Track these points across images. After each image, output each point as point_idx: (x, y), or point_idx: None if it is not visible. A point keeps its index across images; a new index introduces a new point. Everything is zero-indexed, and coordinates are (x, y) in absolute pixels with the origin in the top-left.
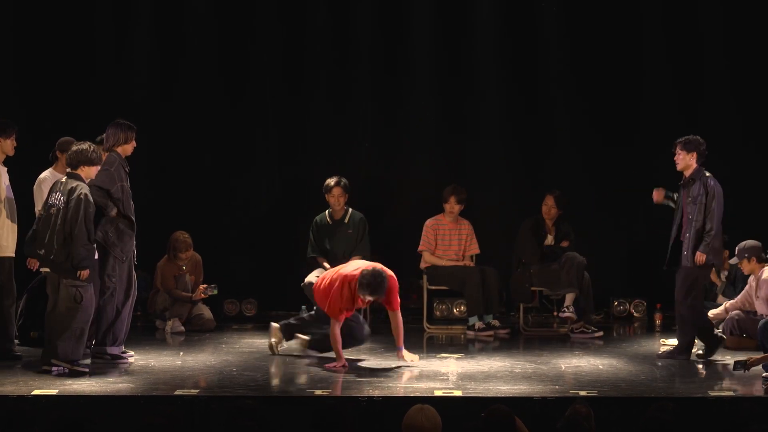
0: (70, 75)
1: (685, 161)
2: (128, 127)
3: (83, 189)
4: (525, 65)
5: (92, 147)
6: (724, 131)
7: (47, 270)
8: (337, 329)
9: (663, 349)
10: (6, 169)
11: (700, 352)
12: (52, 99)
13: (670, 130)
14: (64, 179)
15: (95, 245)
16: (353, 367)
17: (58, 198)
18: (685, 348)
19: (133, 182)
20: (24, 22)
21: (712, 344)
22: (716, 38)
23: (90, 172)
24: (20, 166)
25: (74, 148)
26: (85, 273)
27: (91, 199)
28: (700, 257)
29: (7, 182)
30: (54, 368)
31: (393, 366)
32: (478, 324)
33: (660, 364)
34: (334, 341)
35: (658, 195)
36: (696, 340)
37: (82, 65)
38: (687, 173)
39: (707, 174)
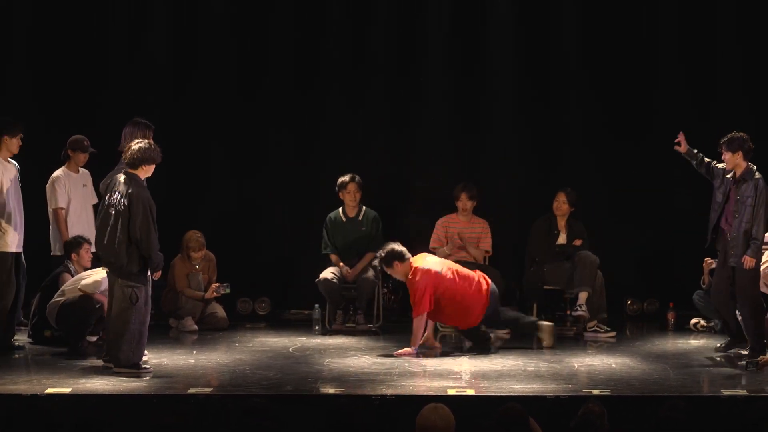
0: (84, 74)
1: (733, 161)
2: (146, 126)
3: (143, 192)
4: (538, 64)
5: (152, 145)
6: (737, 128)
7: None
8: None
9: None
10: (15, 165)
11: (720, 345)
12: (66, 98)
13: (683, 128)
14: (122, 179)
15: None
16: (366, 365)
17: (117, 199)
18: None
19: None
20: (39, 21)
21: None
22: (730, 35)
23: (150, 170)
24: (35, 164)
25: (134, 146)
26: (158, 273)
27: (151, 201)
28: (750, 262)
29: (12, 177)
30: (121, 370)
31: (406, 365)
32: None
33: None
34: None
35: (683, 147)
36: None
37: (95, 64)
38: (738, 172)
39: (758, 175)
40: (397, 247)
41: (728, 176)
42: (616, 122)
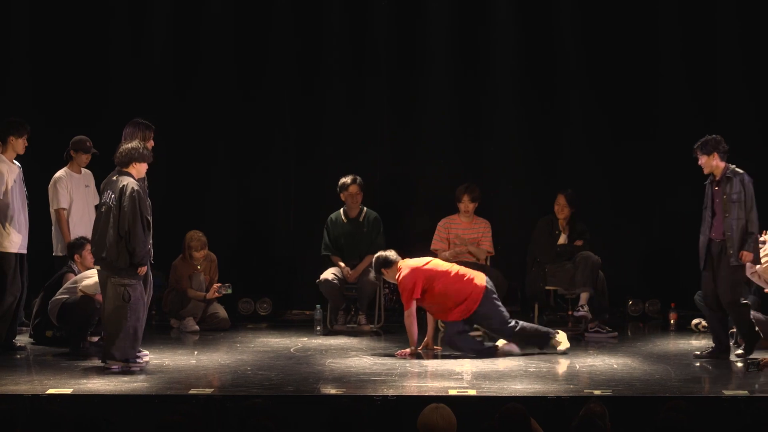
0: (86, 74)
1: (709, 164)
2: (146, 126)
3: (133, 185)
4: (540, 64)
5: (142, 144)
6: (741, 127)
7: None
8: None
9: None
10: (18, 165)
11: (740, 351)
12: (68, 98)
13: (685, 127)
14: (114, 177)
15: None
16: (367, 365)
17: (110, 196)
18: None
19: (149, 181)
20: (40, 20)
21: (753, 341)
22: (731, 33)
23: (141, 168)
24: (37, 164)
25: (123, 147)
26: (143, 269)
27: (142, 194)
28: (748, 256)
29: (16, 178)
30: (113, 366)
31: (407, 365)
32: None
33: (698, 364)
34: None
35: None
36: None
37: (97, 64)
38: (717, 174)
39: (741, 171)
40: (384, 254)
41: (706, 183)
42: (618, 122)
